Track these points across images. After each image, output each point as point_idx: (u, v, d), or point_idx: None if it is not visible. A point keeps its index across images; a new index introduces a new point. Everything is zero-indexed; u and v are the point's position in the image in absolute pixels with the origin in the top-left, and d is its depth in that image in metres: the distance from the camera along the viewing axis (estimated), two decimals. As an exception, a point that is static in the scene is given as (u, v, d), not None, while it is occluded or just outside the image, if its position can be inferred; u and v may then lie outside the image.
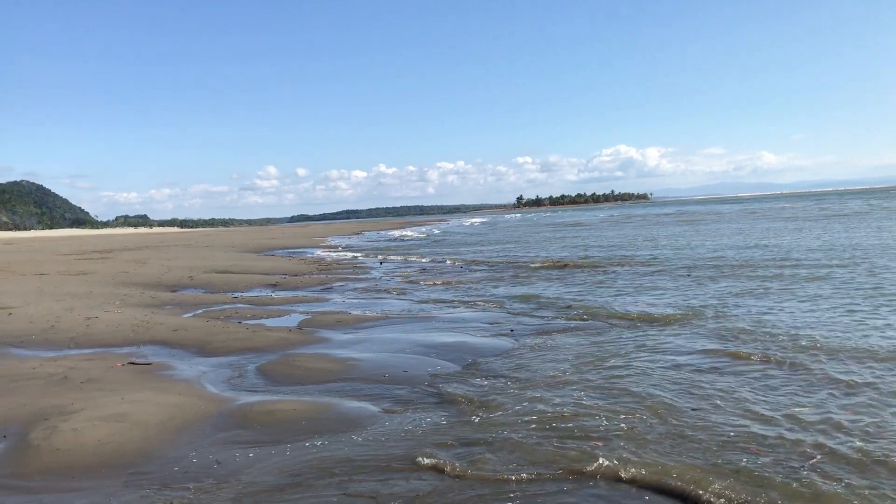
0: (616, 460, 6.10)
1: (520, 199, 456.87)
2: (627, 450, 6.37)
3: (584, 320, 13.42)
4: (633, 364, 9.67)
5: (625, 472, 5.90)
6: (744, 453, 6.22)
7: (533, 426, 7.14)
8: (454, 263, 29.47)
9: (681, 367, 9.46)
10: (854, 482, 5.54)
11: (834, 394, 7.92)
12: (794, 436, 6.60)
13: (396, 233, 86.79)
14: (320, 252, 45.25)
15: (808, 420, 7.04)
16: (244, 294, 20.23)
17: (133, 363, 10.45)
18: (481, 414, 7.64)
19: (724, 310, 13.90)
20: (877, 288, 15.44)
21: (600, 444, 6.54)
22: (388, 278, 24.22)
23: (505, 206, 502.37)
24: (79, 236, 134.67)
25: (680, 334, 11.70)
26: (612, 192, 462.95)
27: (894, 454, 6.03)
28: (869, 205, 78.94)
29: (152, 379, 9.46)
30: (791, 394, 8.01)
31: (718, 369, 9.24)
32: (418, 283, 22.10)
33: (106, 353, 11.37)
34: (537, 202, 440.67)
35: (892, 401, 7.56)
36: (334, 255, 41.50)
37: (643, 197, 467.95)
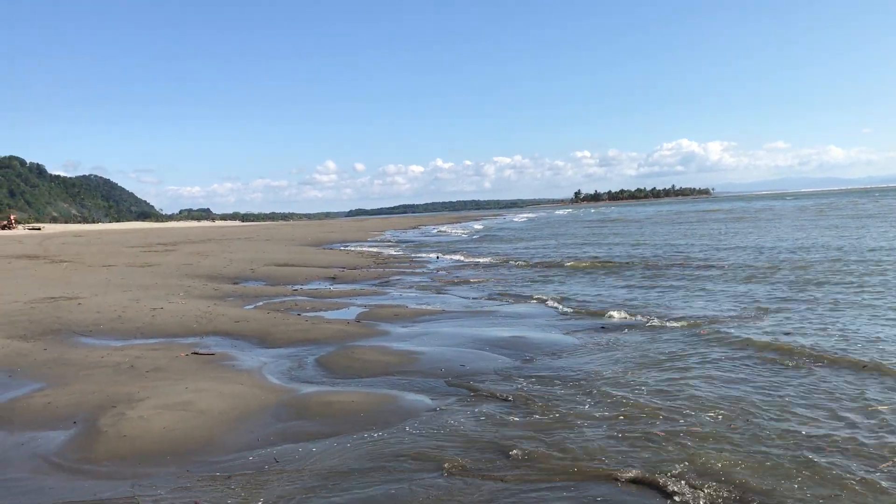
0: (688, 462, 5.98)
1: (577, 193, 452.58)
2: (698, 452, 6.23)
3: (636, 319, 13.17)
4: (693, 365, 9.48)
5: (699, 479, 5.76)
6: (817, 453, 6.03)
7: (596, 425, 7.05)
8: (507, 261, 29.29)
9: (738, 367, 9.23)
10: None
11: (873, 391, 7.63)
12: (870, 440, 6.38)
13: (452, 227, 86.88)
14: (377, 246, 45.60)
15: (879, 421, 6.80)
16: (303, 287, 20.50)
17: (196, 353, 10.69)
18: (539, 411, 7.58)
19: (777, 311, 13.51)
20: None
21: (669, 446, 6.41)
22: (444, 273, 24.27)
23: (562, 200, 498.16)
24: (144, 229, 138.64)
25: (735, 337, 11.40)
26: (673, 186, 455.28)
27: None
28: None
29: (215, 369, 9.67)
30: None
31: (775, 370, 8.99)
32: (472, 278, 22.07)
33: (170, 343, 11.66)
34: (595, 197, 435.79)
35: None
36: (391, 249, 41.77)
37: (704, 192, 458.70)
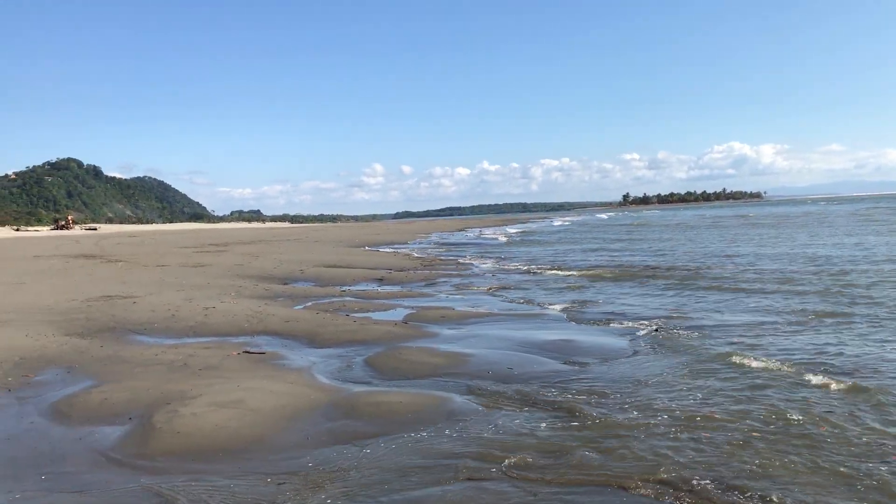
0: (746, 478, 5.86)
1: (626, 196, 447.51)
2: (756, 463, 6.10)
3: (673, 326, 12.94)
4: (735, 375, 9.27)
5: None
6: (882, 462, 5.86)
7: (643, 431, 6.95)
8: (552, 267, 29.10)
9: (792, 383, 9.01)
10: None
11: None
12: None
13: (498, 230, 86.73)
14: (423, 248, 45.75)
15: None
16: (351, 288, 20.66)
17: (248, 352, 10.86)
18: (586, 415, 7.50)
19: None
20: None
21: (726, 457, 6.29)
22: (489, 275, 24.23)
23: (610, 203, 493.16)
24: (197, 230, 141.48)
25: (781, 349, 11.13)
26: (724, 190, 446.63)
27: None
28: None
29: (266, 368, 9.80)
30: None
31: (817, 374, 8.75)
32: (517, 280, 21.99)
33: (222, 342, 11.86)
34: (644, 200, 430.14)
35: None
36: (437, 251, 41.87)
37: (756, 195, 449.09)
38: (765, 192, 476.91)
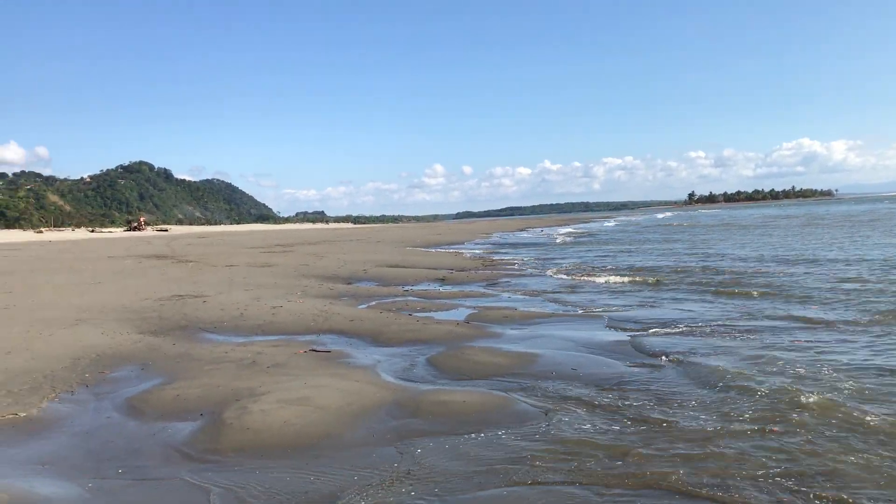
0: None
1: (691, 195, 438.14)
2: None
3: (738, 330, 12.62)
4: (809, 371, 9.01)
5: None
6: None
7: (708, 438, 6.81)
8: (611, 267, 28.74)
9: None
10: None
11: None
12: None
13: (560, 230, 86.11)
14: (484, 248, 45.74)
15: None
16: (413, 287, 20.80)
17: (314, 350, 11.04)
18: (652, 419, 7.40)
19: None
20: None
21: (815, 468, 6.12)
22: (551, 275, 24.07)
23: (675, 202, 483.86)
24: (263, 230, 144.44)
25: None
26: (793, 188, 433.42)
27: None
28: None
29: (332, 366, 9.95)
30: None
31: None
32: (580, 281, 21.79)
33: (289, 341, 12.09)
34: (710, 199, 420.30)
35: None
36: (498, 251, 41.81)
37: (827, 194, 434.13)
38: (836, 190, 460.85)
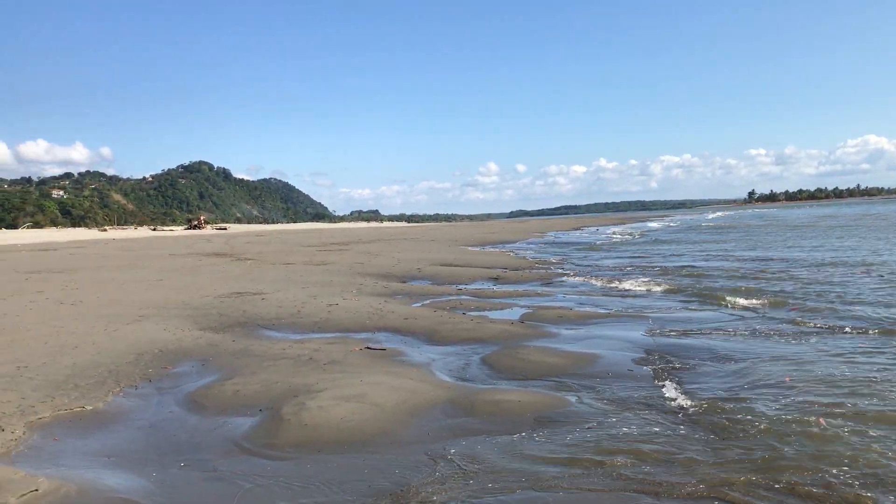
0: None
1: (751, 193, 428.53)
2: None
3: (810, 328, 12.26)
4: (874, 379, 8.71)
5: None
6: None
7: (764, 439, 6.66)
8: (667, 266, 28.28)
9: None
10: None
11: None
12: None
13: (615, 229, 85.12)
14: (538, 247, 45.49)
15: None
16: (467, 286, 20.81)
17: (369, 348, 11.14)
18: (710, 424, 7.26)
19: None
20: None
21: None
22: (606, 275, 23.81)
23: (734, 201, 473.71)
24: (319, 229, 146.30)
25: None
26: (858, 186, 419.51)
27: None
28: None
29: (387, 363, 10.03)
30: None
31: None
32: (636, 280, 21.49)
33: (345, 338, 12.23)
34: (771, 197, 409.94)
35: None
36: (552, 250, 41.54)
37: (895, 192, 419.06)
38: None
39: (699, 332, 12.28)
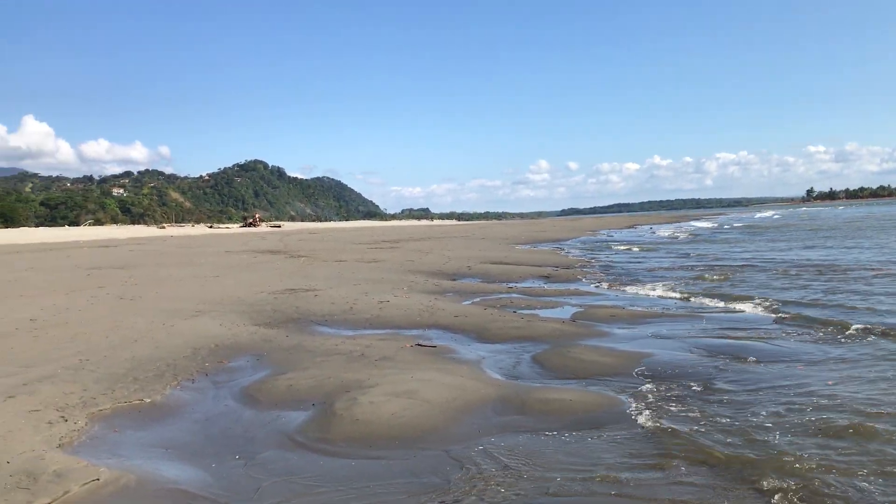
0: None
1: (810, 191, 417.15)
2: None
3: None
4: None
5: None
6: None
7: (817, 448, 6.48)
8: (723, 266, 27.71)
9: None
10: None
11: None
12: None
13: (669, 227, 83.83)
14: (590, 246, 45.07)
15: None
16: (517, 284, 20.74)
17: (420, 345, 11.19)
18: (763, 426, 7.10)
19: None
20: None
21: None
22: (660, 274, 23.46)
23: (792, 199, 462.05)
24: (370, 227, 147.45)
25: None
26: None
27: None
28: None
29: (437, 360, 10.05)
30: None
31: None
32: (689, 279, 21.13)
33: (396, 335, 12.30)
34: (830, 195, 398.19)
35: None
36: (605, 249, 41.11)
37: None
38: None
39: (753, 332, 12.01)
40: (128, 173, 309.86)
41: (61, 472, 5.75)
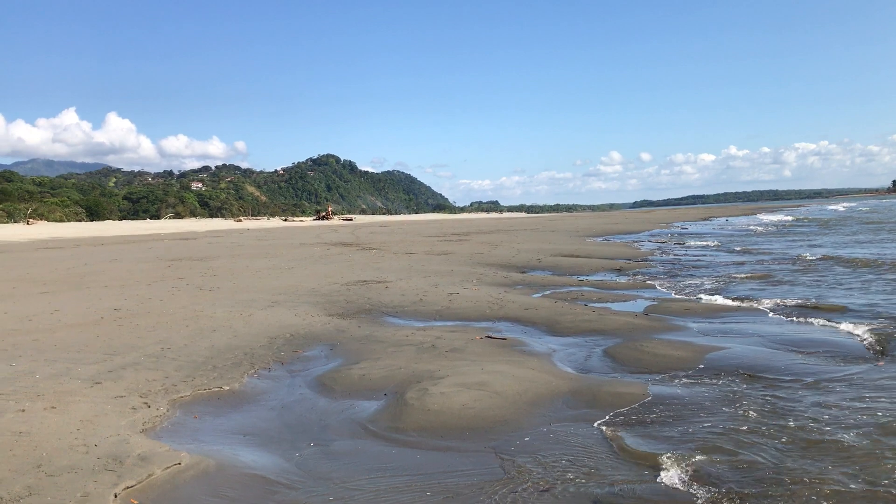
0: None
1: None
2: None
3: None
4: None
5: None
6: None
7: None
8: (806, 259, 26.78)
9: None
10: None
11: None
12: None
13: (746, 219, 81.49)
14: (664, 238, 44.21)
15: None
16: (589, 277, 20.51)
17: (490, 337, 11.19)
18: (845, 426, 6.85)
19: None
20: None
21: None
22: (737, 266, 22.83)
23: (877, 190, 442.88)
24: (440, 220, 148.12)
25: None
26: None
27: None
28: None
29: (507, 353, 10.04)
30: None
31: None
32: (772, 271, 20.49)
33: (466, 326, 12.33)
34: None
35: None
36: (679, 241, 40.25)
37: None
38: None
39: (834, 331, 11.59)
40: (206, 168, 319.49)
41: (145, 456, 5.98)
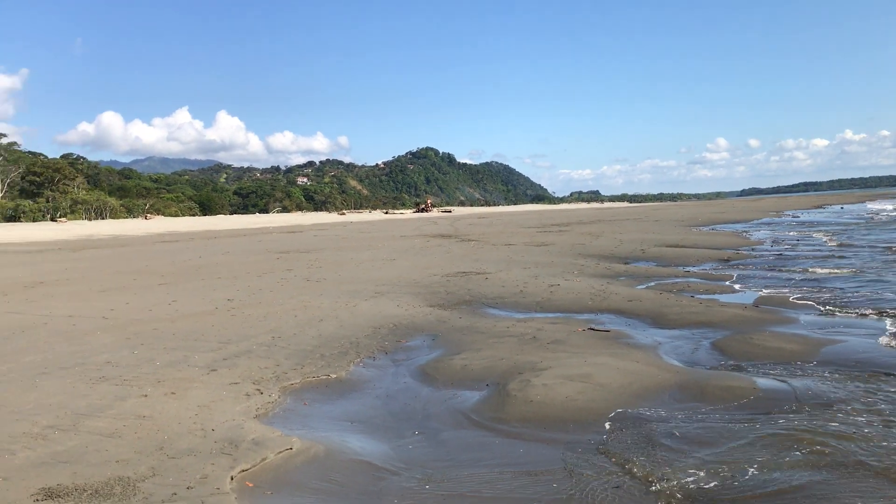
0: None
1: None
2: None
3: None
4: None
5: None
6: None
7: None
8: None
9: None
10: None
11: None
12: None
13: (863, 207, 77.11)
14: (774, 227, 42.44)
15: None
16: (694, 268, 19.95)
17: (592, 329, 11.05)
18: None
19: None
20: None
21: None
22: (854, 255, 21.65)
23: None
24: (539, 211, 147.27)
25: None
26: None
27: None
28: None
29: (611, 345, 9.89)
30: None
31: None
32: (890, 263, 19.34)
33: (567, 318, 12.22)
34: None
35: None
36: (791, 231, 38.57)
37: None
38: None
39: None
40: (310, 163, 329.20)
41: (259, 441, 6.24)
